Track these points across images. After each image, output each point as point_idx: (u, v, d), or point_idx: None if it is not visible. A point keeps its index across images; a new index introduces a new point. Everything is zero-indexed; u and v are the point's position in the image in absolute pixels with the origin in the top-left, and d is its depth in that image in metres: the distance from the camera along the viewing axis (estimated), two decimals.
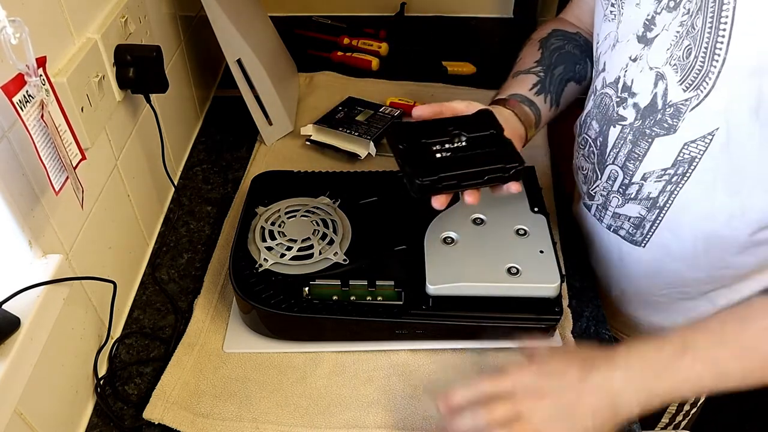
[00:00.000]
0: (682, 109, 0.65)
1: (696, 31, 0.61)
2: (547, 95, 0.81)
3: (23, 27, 0.48)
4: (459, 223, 0.78)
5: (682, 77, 0.64)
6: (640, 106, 0.70)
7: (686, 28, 0.63)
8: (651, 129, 0.69)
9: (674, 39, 0.64)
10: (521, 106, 0.79)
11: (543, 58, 0.83)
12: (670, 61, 0.65)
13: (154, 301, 0.83)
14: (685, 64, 0.63)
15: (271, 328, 0.75)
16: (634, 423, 0.69)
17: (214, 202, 0.98)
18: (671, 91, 0.66)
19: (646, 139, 0.70)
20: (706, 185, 0.68)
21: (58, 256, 0.61)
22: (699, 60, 0.62)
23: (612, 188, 0.77)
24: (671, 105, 0.66)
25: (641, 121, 0.70)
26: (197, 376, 0.72)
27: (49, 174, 0.57)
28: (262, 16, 1.12)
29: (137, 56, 0.76)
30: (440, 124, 0.67)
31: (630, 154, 0.73)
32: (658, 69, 0.67)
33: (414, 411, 0.69)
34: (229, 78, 0.99)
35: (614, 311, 0.89)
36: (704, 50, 0.61)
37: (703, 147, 0.66)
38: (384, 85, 1.23)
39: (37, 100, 0.54)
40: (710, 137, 0.65)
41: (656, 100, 0.68)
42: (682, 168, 0.68)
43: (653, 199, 0.73)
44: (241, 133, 1.10)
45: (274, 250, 0.76)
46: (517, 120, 0.78)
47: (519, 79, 0.83)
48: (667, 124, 0.67)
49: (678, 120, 0.66)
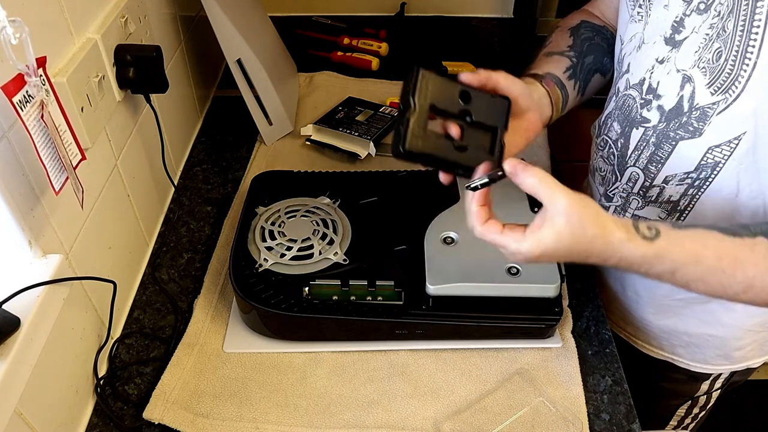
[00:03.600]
0: (708, 113, 0.65)
1: (727, 34, 0.61)
2: (576, 81, 0.80)
3: (23, 27, 0.48)
4: (459, 223, 0.78)
5: (711, 80, 0.63)
6: (665, 108, 0.69)
7: (717, 31, 0.62)
8: (675, 132, 0.68)
9: (703, 41, 0.63)
10: (555, 88, 0.78)
11: (575, 45, 0.83)
12: (699, 64, 0.64)
13: (154, 301, 0.83)
14: (715, 67, 0.63)
15: (271, 328, 0.75)
16: (634, 423, 0.69)
17: (214, 202, 0.98)
18: (698, 93, 0.65)
19: (669, 142, 0.69)
20: (729, 189, 0.67)
21: (58, 256, 0.61)
22: (729, 63, 0.61)
23: (632, 190, 0.76)
24: (698, 108, 0.65)
25: (666, 124, 0.69)
26: (197, 376, 0.72)
27: (49, 174, 0.57)
28: (262, 16, 1.12)
29: (137, 56, 0.76)
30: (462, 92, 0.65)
31: (652, 157, 0.72)
32: (685, 72, 0.66)
33: (414, 411, 0.69)
34: (229, 78, 0.99)
35: (625, 314, 0.88)
36: (735, 53, 0.60)
37: (729, 151, 0.65)
38: (384, 85, 1.23)
39: (37, 100, 0.54)
40: (736, 141, 0.64)
41: (682, 102, 0.67)
42: (705, 172, 0.68)
43: (674, 202, 0.72)
44: (241, 133, 1.10)
45: (274, 250, 0.76)
46: (549, 102, 0.77)
47: (554, 59, 0.81)
48: (693, 128, 0.66)
49: (704, 123, 0.65)
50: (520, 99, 0.72)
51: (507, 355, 0.75)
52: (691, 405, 0.92)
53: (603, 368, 0.75)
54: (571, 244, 0.54)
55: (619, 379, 0.74)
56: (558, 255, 0.56)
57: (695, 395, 0.90)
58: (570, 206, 0.54)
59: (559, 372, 0.73)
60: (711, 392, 0.90)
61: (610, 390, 0.72)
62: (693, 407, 0.93)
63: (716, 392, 0.90)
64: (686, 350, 0.84)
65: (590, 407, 0.70)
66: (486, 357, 0.75)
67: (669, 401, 0.94)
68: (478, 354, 0.75)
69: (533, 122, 0.74)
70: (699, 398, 0.90)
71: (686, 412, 0.94)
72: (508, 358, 0.74)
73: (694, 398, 0.90)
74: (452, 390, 0.71)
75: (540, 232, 0.55)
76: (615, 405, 0.71)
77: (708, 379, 0.86)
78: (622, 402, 0.71)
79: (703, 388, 0.88)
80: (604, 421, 0.69)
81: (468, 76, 0.67)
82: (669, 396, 0.93)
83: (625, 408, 0.71)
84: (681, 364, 0.85)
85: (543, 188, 0.55)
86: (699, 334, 0.81)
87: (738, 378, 0.88)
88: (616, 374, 0.74)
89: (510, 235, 0.57)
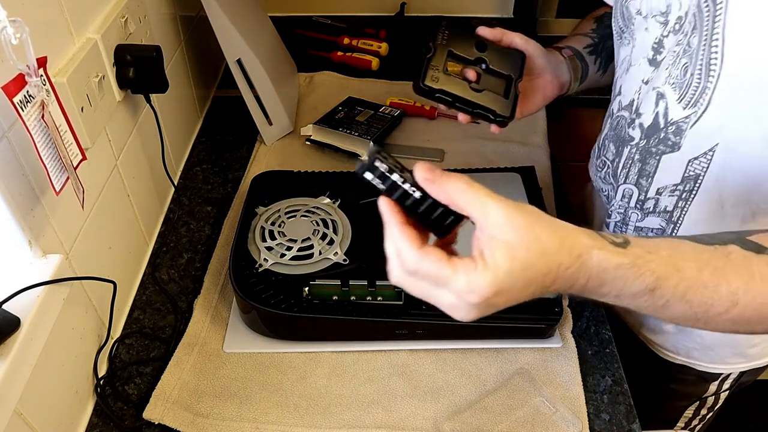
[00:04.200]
0: (683, 127, 0.66)
1: (692, 49, 0.62)
2: (597, 58, 0.83)
3: (24, 27, 0.48)
4: None
5: (681, 95, 0.65)
6: (644, 125, 0.70)
7: (683, 47, 0.63)
8: (656, 147, 0.70)
9: (672, 58, 0.65)
10: (574, 58, 0.82)
11: (598, 28, 0.86)
12: (669, 80, 0.66)
13: (154, 301, 0.83)
14: (683, 82, 0.64)
15: (271, 328, 0.75)
16: (634, 423, 0.69)
17: (214, 202, 0.98)
18: (671, 109, 0.66)
19: (653, 157, 0.70)
20: (714, 199, 0.68)
21: (58, 256, 0.61)
22: (696, 77, 0.62)
23: (629, 205, 0.77)
24: (672, 123, 0.67)
25: (646, 141, 0.71)
26: (197, 376, 0.72)
27: (49, 174, 0.57)
28: (262, 16, 1.12)
29: (137, 56, 0.76)
30: (478, 42, 0.73)
31: (641, 172, 0.73)
32: (658, 89, 0.67)
33: (414, 411, 0.69)
34: (229, 78, 0.99)
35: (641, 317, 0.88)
36: (699, 67, 0.62)
37: (706, 163, 0.66)
38: (384, 85, 1.23)
39: (37, 100, 0.54)
40: (711, 153, 0.65)
41: (658, 119, 0.68)
42: (689, 184, 0.69)
43: (669, 212, 0.73)
44: (241, 133, 1.10)
45: (274, 250, 0.76)
46: (567, 68, 0.81)
47: (576, 38, 0.85)
48: (671, 142, 0.68)
49: (680, 137, 0.66)
50: (536, 58, 0.76)
51: (507, 355, 0.75)
52: (699, 406, 0.92)
53: (603, 368, 0.75)
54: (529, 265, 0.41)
55: (619, 379, 0.74)
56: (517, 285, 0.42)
57: (703, 396, 0.90)
58: (513, 215, 0.41)
59: (559, 372, 0.73)
60: (719, 393, 0.90)
61: (610, 390, 0.72)
62: (701, 408, 0.93)
63: (724, 393, 0.90)
64: (701, 353, 0.84)
65: (590, 407, 0.70)
66: (486, 357, 0.75)
67: (677, 402, 0.94)
68: (478, 354, 0.75)
69: (550, 81, 0.78)
70: (707, 399, 0.90)
71: (694, 413, 0.94)
72: (508, 358, 0.74)
73: (702, 399, 0.90)
74: (452, 390, 0.71)
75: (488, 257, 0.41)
76: (615, 405, 0.71)
77: (717, 379, 0.86)
78: (622, 402, 0.71)
79: (712, 389, 0.88)
80: (604, 421, 0.69)
81: (485, 29, 0.73)
82: (677, 397, 0.93)
83: (625, 408, 0.71)
84: (697, 366, 0.85)
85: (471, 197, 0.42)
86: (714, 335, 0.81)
87: (747, 378, 0.88)
88: (616, 374, 0.74)
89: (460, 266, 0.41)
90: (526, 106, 0.77)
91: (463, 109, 0.71)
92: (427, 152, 1.04)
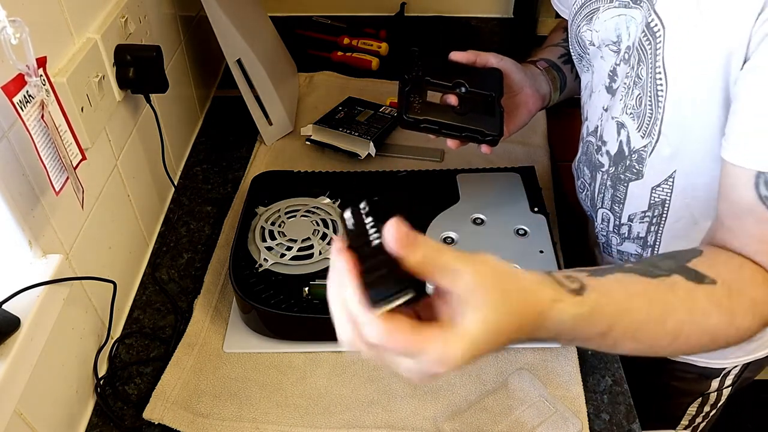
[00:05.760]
0: (643, 155, 0.67)
1: (642, 80, 0.63)
2: (573, 67, 0.83)
3: (23, 27, 0.48)
4: (459, 223, 0.78)
5: (639, 124, 0.66)
6: (611, 153, 0.72)
7: (633, 78, 0.65)
8: (624, 174, 0.71)
9: (625, 89, 0.66)
10: (550, 69, 0.83)
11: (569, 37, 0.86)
12: (626, 110, 0.67)
13: (154, 301, 0.83)
14: (639, 112, 0.65)
15: (271, 328, 0.75)
16: (634, 423, 0.69)
17: (214, 202, 0.98)
18: (632, 138, 0.67)
19: (622, 184, 0.72)
20: (686, 220, 0.69)
21: (58, 256, 0.61)
22: (648, 107, 0.64)
23: (609, 228, 0.79)
24: (635, 151, 0.68)
25: (614, 168, 0.72)
26: (197, 376, 0.72)
27: (49, 174, 0.57)
28: (262, 16, 1.12)
29: (137, 56, 0.76)
30: (453, 68, 0.73)
31: (613, 198, 0.75)
32: (617, 118, 0.69)
33: (414, 411, 0.69)
34: (229, 78, 0.99)
35: None
36: (649, 98, 0.63)
37: (669, 189, 0.67)
38: (384, 85, 1.23)
39: (37, 100, 0.54)
40: (671, 180, 0.66)
41: (623, 147, 0.69)
42: (657, 210, 0.70)
43: (643, 238, 0.74)
44: (241, 133, 1.10)
45: (274, 250, 0.76)
46: (545, 79, 0.81)
47: (548, 50, 0.86)
48: (636, 170, 0.69)
49: (642, 166, 0.68)
50: (513, 74, 0.76)
51: (507, 355, 0.75)
52: (702, 403, 0.92)
53: (603, 368, 0.75)
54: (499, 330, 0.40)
55: (619, 379, 0.74)
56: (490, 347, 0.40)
57: (706, 392, 0.90)
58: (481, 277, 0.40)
59: (559, 372, 0.73)
60: (722, 389, 0.89)
61: (610, 390, 0.72)
62: (704, 405, 0.93)
63: (727, 389, 0.90)
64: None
65: (590, 407, 0.70)
66: (486, 357, 0.74)
67: (680, 400, 0.94)
68: None
69: (530, 95, 0.78)
70: (709, 395, 0.90)
71: (697, 410, 0.94)
72: (508, 358, 0.74)
73: (705, 395, 0.90)
74: (452, 390, 0.71)
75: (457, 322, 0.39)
76: (615, 405, 0.71)
77: (719, 376, 0.86)
78: (622, 402, 0.71)
79: (714, 386, 0.88)
80: (604, 421, 0.69)
81: (457, 54, 0.74)
82: (680, 395, 0.93)
83: (625, 408, 0.71)
84: (698, 363, 0.85)
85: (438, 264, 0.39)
86: None
87: (749, 374, 0.88)
88: (616, 374, 0.74)
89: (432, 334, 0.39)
90: (512, 122, 0.78)
91: (450, 135, 0.70)
92: (427, 152, 1.04)
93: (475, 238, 0.76)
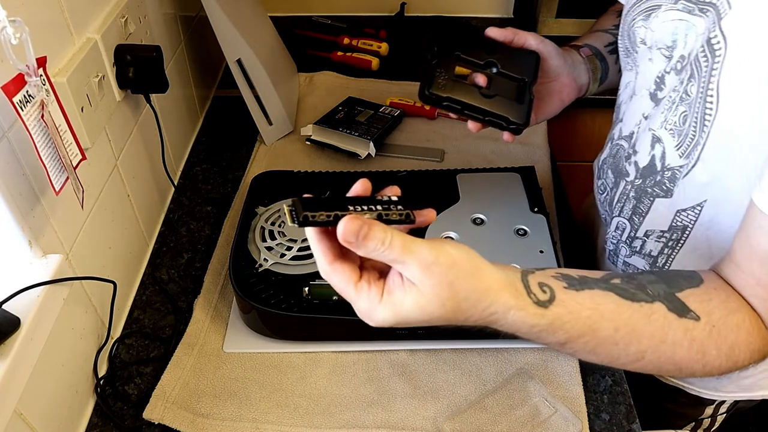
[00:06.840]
0: (677, 175, 0.63)
1: (691, 98, 0.59)
2: (618, 58, 0.77)
3: (23, 27, 0.48)
4: (459, 223, 0.78)
5: (679, 143, 0.62)
6: (640, 165, 0.67)
7: (680, 94, 0.60)
8: (652, 189, 0.67)
9: (669, 103, 0.62)
10: (593, 57, 0.77)
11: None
12: (666, 126, 0.63)
13: (154, 301, 0.83)
14: (681, 130, 0.61)
15: (271, 328, 0.75)
16: (634, 423, 0.69)
17: (214, 202, 0.98)
18: (668, 154, 0.63)
19: (648, 197, 0.68)
20: (702, 251, 0.65)
21: (58, 256, 0.61)
22: (692, 127, 0.59)
23: (621, 238, 0.75)
24: (669, 168, 0.64)
25: (642, 180, 0.68)
26: (197, 376, 0.72)
27: (49, 174, 0.57)
28: (262, 16, 1.12)
29: (137, 56, 0.76)
30: (488, 45, 0.68)
31: (635, 209, 0.70)
32: (654, 131, 0.64)
33: (414, 411, 0.69)
34: (229, 78, 0.99)
35: None
36: (695, 119, 0.58)
37: (694, 217, 0.63)
38: (384, 85, 1.23)
39: (37, 100, 0.54)
40: (699, 208, 0.62)
41: (654, 161, 0.65)
42: (676, 234, 0.66)
43: (654, 257, 0.71)
44: (241, 133, 1.10)
45: (274, 250, 0.76)
46: (586, 69, 0.75)
47: (596, 35, 0.80)
48: (666, 187, 0.65)
49: (674, 185, 0.64)
50: (551, 59, 0.70)
51: (507, 355, 0.75)
52: (695, 427, 0.91)
53: (603, 368, 0.75)
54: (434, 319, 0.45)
55: (619, 379, 0.74)
56: (422, 320, 0.45)
57: (699, 418, 0.89)
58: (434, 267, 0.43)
59: (559, 372, 0.73)
60: (716, 416, 0.88)
61: (610, 390, 0.72)
62: (697, 428, 0.92)
63: (722, 416, 0.89)
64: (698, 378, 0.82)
65: (590, 407, 0.70)
66: (486, 357, 0.75)
67: (674, 422, 0.93)
68: (478, 354, 0.75)
69: (567, 85, 0.73)
70: (703, 421, 0.89)
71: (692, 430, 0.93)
72: (508, 358, 0.74)
73: (698, 421, 0.89)
74: (452, 390, 0.71)
75: (396, 296, 0.44)
76: (615, 405, 0.71)
77: (713, 404, 0.85)
78: (622, 402, 0.71)
79: (708, 412, 0.87)
80: (604, 421, 0.69)
81: (494, 30, 0.68)
82: (673, 417, 0.91)
83: (625, 408, 0.71)
84: (691, 391, 0.84)
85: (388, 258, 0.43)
86: None
87: (744, 404, 0.86)
88: (616, 374, 0.74)
89: (364, 293, 0.45)
90: (541, 111, 0.73)
91: (473, 116, 0.66)
92: (427, 152, 1.04)
93: (475, 238, 0.76)
